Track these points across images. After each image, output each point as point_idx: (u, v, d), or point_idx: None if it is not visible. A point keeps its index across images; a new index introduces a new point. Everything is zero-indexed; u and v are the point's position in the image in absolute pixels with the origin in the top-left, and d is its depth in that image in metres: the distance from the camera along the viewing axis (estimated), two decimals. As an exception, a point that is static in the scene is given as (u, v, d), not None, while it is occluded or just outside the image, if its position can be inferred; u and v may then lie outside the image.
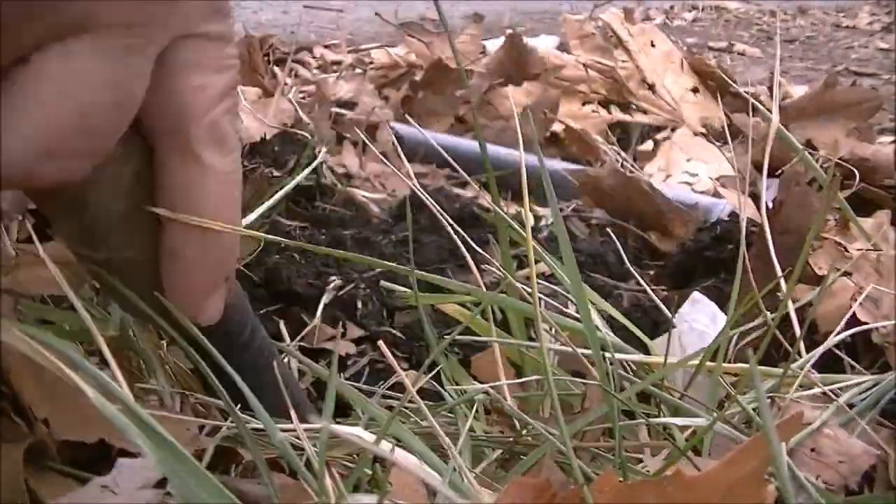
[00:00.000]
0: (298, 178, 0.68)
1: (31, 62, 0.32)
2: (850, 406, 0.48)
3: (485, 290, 0.54)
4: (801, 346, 0.51)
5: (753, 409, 0.46)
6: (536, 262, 0.49)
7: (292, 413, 0.34)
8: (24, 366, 0.38)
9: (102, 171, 0.35)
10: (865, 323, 0.55)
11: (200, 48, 0.36)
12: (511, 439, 0.45)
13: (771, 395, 0.48)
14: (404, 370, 0.58)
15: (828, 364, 0.54)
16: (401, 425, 0.37)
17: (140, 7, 0.33)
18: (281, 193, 0.75)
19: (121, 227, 0.37)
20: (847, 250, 0.61)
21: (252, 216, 0.67)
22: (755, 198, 0.82)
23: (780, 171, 0.79)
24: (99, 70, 0.32)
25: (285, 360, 0.62)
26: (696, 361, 0.48)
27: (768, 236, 0.56)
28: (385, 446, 0.37)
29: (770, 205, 0.63)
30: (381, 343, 0.39)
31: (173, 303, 0.38)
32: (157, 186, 0.37)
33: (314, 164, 0.77)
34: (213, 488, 0.32)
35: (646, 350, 0.54)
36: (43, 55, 0.32)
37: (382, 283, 0.61)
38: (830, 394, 0.47)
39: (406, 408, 0.44)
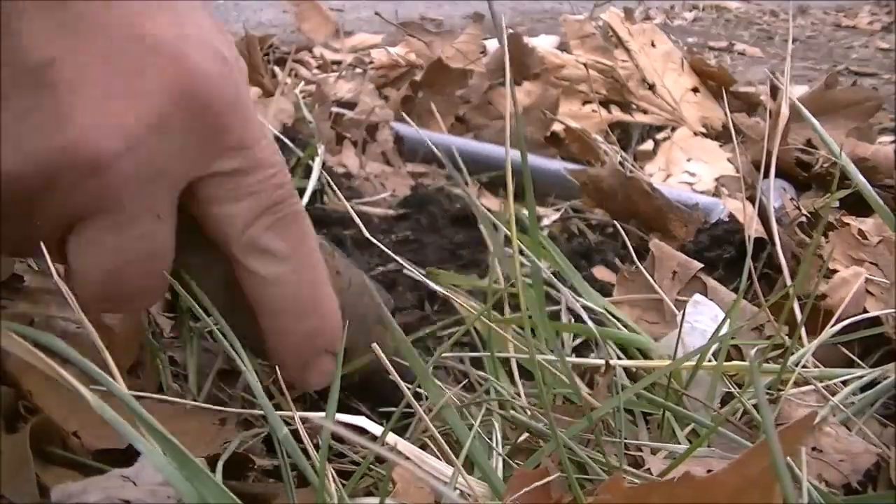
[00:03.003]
0: (312, 182, 0.69)
1: (71, 236, 0.38)
2: (851, 402, 0.48)
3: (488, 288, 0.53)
4: (805, 339, 0.51)
5: (754, 406, 0.46)
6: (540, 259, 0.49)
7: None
8: (48, 384, 0.38)
9: (198, 280, 0.43)
10: (874, 316, 0.55)
11: (216, 185, 0.41)
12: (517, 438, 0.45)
13: (769, 392, 0.48)
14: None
15: (842, 356, 0.54)
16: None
17: (142, 182, 0.38)
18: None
19: (227, 315, 0.44)
20: (866, 238, 0.60)
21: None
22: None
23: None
24: (124, 236, 0.38)
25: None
26: (700, 360, 0.48)
27: (776, 236, 0.56)
28: (389, 440, 0.37)
29: (774, 206, 0.63)
30: (374, 346, 0.39)
31: (280, 369, 0.44)
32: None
33: (315, 164, 0.76)
34: (215, 490, 0.32)
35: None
36: (78, 230, 0.38)
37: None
38: (826, 392, 0.47)
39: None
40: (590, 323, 0.51)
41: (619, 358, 0.53)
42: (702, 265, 0.62)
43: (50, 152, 0.36)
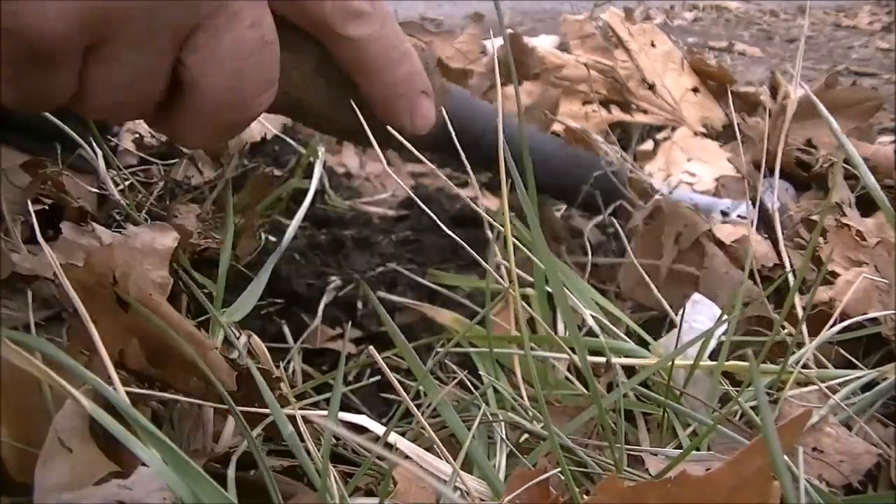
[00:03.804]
0: (314, 182, 0.69)
1: (189, 53, 0.41)
2: (851, 403, 0.48)
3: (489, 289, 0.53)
4: (806, 339, 0.51)
5: (753, 409, 0.46)
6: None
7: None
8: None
9: (290, 80, 0.47)
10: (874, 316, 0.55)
11: None
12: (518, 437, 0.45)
13: (769, 392, 0.48)
14: (404, 370, 0.58)
15: (842, 357, 0.54)
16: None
17: None
18: (274, 194, 0.75)
19: (331, 104, 0.50)
20: (864, 239, 0.60)
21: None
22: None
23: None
24: (239, 28, 0.41)
25: (288, 360, 0.62)
26: (697, 358, 0.48)
27: (779, 234, 0.56)
28: (391, 439, 0.37)
29: (776, 206, 0.63)
30: (371, 348, 0.39)
31: (389, 122, 0.50)
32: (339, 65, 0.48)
33: (316, 164, 0.76)
34: (214, 493, 0.32)
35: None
36: (195, 41, 0.40)
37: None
38: (827, 391, 0.47)
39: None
40: (591, 322, 0.51)
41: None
42: (709, 226, 0.63)
43: None
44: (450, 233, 0.50)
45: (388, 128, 0.49)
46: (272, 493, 0.36)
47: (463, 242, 0.49)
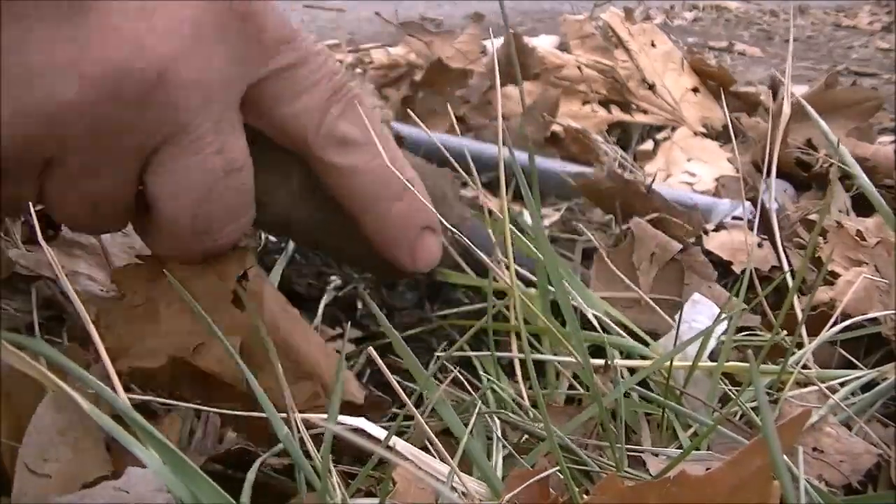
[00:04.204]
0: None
1: (149, 175, 0.38)
2: (851, 403, 0.48)
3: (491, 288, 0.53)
4: (805, 339, 0.51)
5: (753, 409, 0.46)
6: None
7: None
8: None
9: (277, 199, 0.42)
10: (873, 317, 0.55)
11: (277, 83, 0.40)
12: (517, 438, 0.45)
13: (769, 391, 0.48)
14: (404, 370, 0.58)
15: (842, 357, 0.54)
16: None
17: (206, 89, 0.37)
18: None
19: (326, 227, 0.44)
20: (864, 239, 0.60)
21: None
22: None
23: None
24: (203, 153, 0.38)
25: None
26: (697, 358, 0.48)
27: (777, 236, 0.56)
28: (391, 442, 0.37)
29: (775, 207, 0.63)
30: (370, 349, 0.39)
31: (387, 258, 0.44)
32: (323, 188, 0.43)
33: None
34: (213, 493, 0.32)
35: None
36: (156, 162, 0.38)
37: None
38: (827, 391, 0.47)
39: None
40: (594, 321, 0.51)
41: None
42: (682, 246, 0.62)
43: (110, 69, 0.34)
44: (457, 231, 0.50)
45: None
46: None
47: (468, 242, 0.49)
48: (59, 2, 0.34)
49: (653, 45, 1.26)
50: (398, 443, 0.38)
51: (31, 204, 0.37)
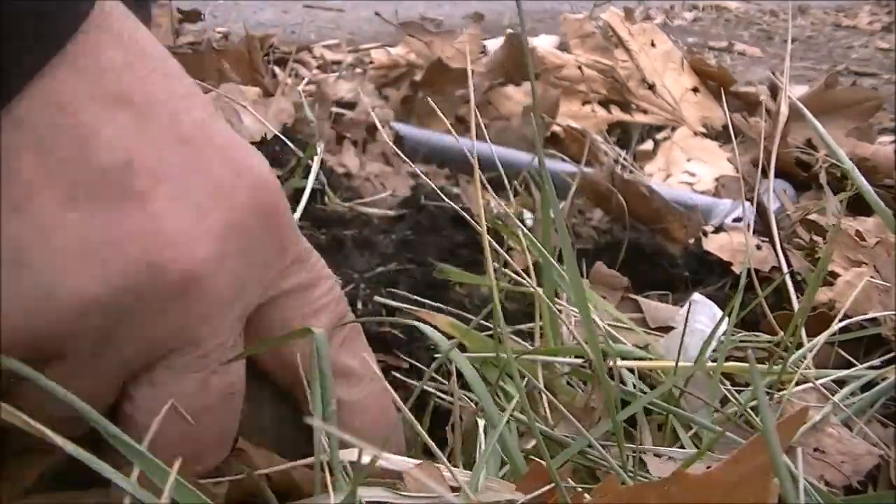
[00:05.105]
0: (310, 181, 0.68)
1: (141, 385, 0.34)
2: (851, 403, 0.48)
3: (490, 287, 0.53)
4: (805, 340, 0.51)
5: (752, 409, 0.46)
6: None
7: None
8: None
9: (243, 428, 0.37)
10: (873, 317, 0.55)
11: (287, 304, 0.37)
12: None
13: (769, 391, 0.48)
14: (405, 371, 0.58)
15: (842, 357, 0.54)
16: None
17: (227, 304, 0.34)
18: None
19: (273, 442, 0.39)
20: (864, 239, 0.61)
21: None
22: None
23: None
24: (207, 371, 0.34)
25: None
26: (700, 360, 0.48)
27: (776, 237, 0.56)
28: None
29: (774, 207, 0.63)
30: (366, 354, 0.38)
31: None
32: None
33: (315, 164, 0.76)
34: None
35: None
36: (153, 372, 0.33)
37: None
38: (827, 392, 0.47)
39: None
40: (597, 321, 0.51)
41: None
42: (628, 281, 0.62)
43: (138, 270, 0.31)
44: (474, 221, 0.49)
45: None
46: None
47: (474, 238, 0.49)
48: (103, 172, 0.31)
49: (653, 44, 1.26)
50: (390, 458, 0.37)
51: None
